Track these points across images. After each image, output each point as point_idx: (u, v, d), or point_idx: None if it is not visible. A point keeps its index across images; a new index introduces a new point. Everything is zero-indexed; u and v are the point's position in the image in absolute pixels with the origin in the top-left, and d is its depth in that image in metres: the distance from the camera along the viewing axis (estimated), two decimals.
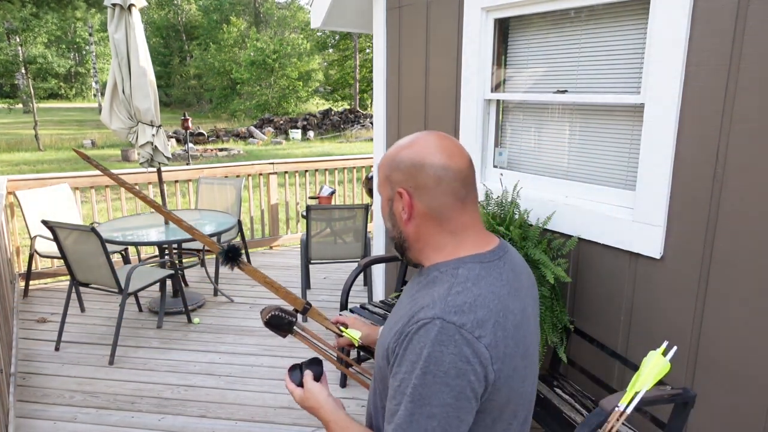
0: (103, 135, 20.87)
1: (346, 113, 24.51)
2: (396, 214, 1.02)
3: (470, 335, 0.86)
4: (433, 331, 0.86)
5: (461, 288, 0.91)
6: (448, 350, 0.85)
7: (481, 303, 0.90)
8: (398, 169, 0.99)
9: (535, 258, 2.23)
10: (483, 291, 0.92)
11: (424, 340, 0.87)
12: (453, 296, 0.90)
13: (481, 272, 0.95)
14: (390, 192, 1.02)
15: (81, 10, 17.11)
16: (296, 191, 5.92)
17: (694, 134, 1.91)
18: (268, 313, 1.30)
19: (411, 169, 0.98)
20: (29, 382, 3.12)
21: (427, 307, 0.90)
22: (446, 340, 0.85)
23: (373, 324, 1.46)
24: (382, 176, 1.03)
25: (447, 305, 0.89)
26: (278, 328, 1.31)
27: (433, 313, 0.88)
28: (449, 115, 3.06)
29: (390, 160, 1.01)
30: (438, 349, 0.85)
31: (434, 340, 0.86)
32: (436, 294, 0.92)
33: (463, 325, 0.86)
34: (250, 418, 2.78)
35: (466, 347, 0.85)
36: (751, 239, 1.78)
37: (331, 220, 4.12)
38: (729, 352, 1.88)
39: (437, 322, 0.87)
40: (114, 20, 3.63)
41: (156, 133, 3.85)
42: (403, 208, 1.00)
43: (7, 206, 4.46)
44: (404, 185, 0.99)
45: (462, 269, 0.95)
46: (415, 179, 0.97)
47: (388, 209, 1.04)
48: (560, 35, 2.51)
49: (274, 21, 37.37)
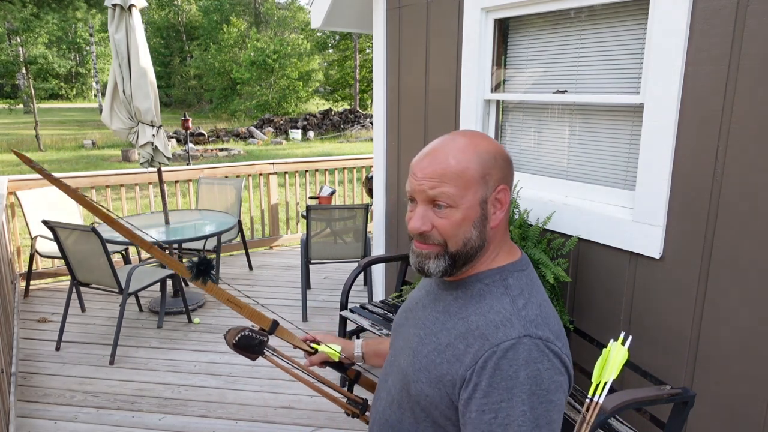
0: (104, 135, 20.88)
1: (346, 113, 24.51)
2: (489, 216, 0.91)
3: (555, 347, 0.84)
4: (524, 350, 0.82)
5: (524, 300, 0.88)
6: (544, 366, 0.82)
7: (547, 313, 0.88)
8: (497, 165, 0.91)
9: (535, 258, 2.23)
10: (540, 300, 0.90)
11: (517, 362, 0.81)
12: (524, 310, 0.86)
13: (527, 281, 0.92)
14: (485, 192, 0.90)
15: (81, 11, 17.15)
16: (296, 191, 5.92)
17: (694, 134, 1.91)
18: (236, 334, 1.17)
19: (507, 165, 0.92)
20: (30, 381, 3.12)
21: (504, 326, 0.84)
22: (539, 357, 0.82)
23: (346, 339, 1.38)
24: (477, 175, 0.89)
25: (525, 321, 0.84)
26: (248, 350, 1.18)
27: (517, 332, 0.83)
28: (449, 115, 3.06)
29: (485, 157, 0.90)
30: (535, 368, 0.81)
31: (528, 359, 0.81)
32: (503, 309, 0.87)
33: (548, 339, 0.84)
34: (250, 418, 2.78)
35: (556, 360, 0.83)
36: (751, 239, 1.78)
37: (331, 220, 4.12)
38: (728, 351, 1.89)
39: (525, 341, 0.82)
40: (114, 21, 3.64)
41: (156, 133, 3.85)
42: (498, 209, 0.92)
43: (8, 206, 4.47)
44: (504, 182, 0.92)
45: (510, 279, 0.91)
46: (510, 175, 0.93)
47: (479, 213, 0.90)
48: (560, 35, 2.51)
49: (274, 21, 37.37)
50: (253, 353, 1.19)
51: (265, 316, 1.24)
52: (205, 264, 1.21)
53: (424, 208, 0.91)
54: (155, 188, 5.37)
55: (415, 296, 1.10)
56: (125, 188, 5.08)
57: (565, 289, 2.48)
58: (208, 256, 1.28)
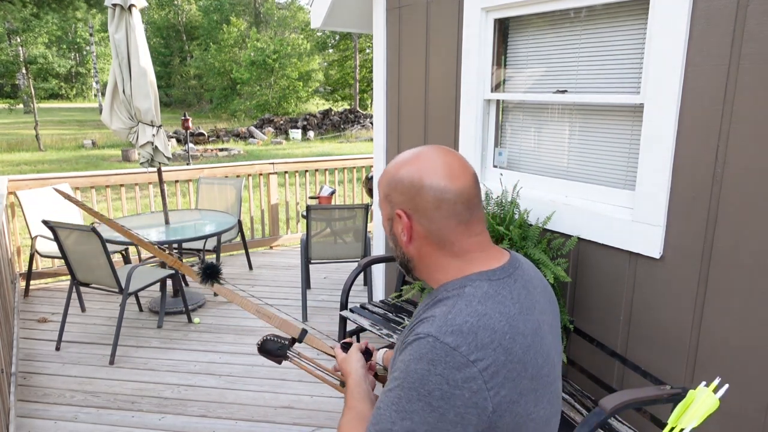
0: (104, 135, 20.88)
1: (346, 113, 24.51)
2: (396, 234, 0.98)
3: (464, 358, 0.81)
4: (425, 348, 0.83)
5: (465, 306, 0.86)
6: (436, 371, 0.81)
7: (485, 324, 0.84)
8: (396, 189, 0.95)
9: (535, 258, 2.23)
10: (489, 311, 0.86)
11: (414, 355, 0.84)
12: (454, 315, 0.85)
13: (489, 290, 0.89)
14: (390, 212, 0.98)
15: (82, 11, 17.15)
16: (296, 191, 5.92)
17: (694, 134, 1.91)
18: (262, 339, 1.28)
19: (410, 190, 0.93)
20: (30, 381, 3.12)
21: (426, 322, 0.87)
22: (436, 360, 0.81)
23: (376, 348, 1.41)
24: (382, 194, 0.99)
25: (445, 324, 0.84)
26: (271, 353, 1.28)
27: (428, 330, 0.85)
28: (449, 115, 3.06)
29: (389, 178, 0.97)
30: (425, 367, 0.82)
31: (423, 357, 0.82)
32: (438, 311, 0.88)
33: (457, 347, 0.81)
34: (250, 418, 2.78)
35: (455, 371, 0.80)
36: (751, 239, 1.78)
37: (331, 220, 4.12)
38: (728, 351, 1.89)
39: (429, 340, 0.83)
40: (114, 20, 3.64)
41: (156, 133, 3.85)
42: (402, 231, 0.96)
43: (8, 206, 4.47)
44: (403, 207, 0.94)
45: (469, 287, 0.90)
46: (413, 201, 0.93)
47: (389, 228, 1.00)
48: (560, 35, 2.51)
49: (274, 21, 37.39)
50: (277, 356, 1.28)
51: (294, 325, 1.31)
52: (211, 268, 1.32)
53: None
54: (155, 188, 5.37)
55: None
56: (125, 188, 5.08)
57: (565, 289, 2.48)
58: (215, 262, 1.39)
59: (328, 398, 2.96)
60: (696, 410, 1.05)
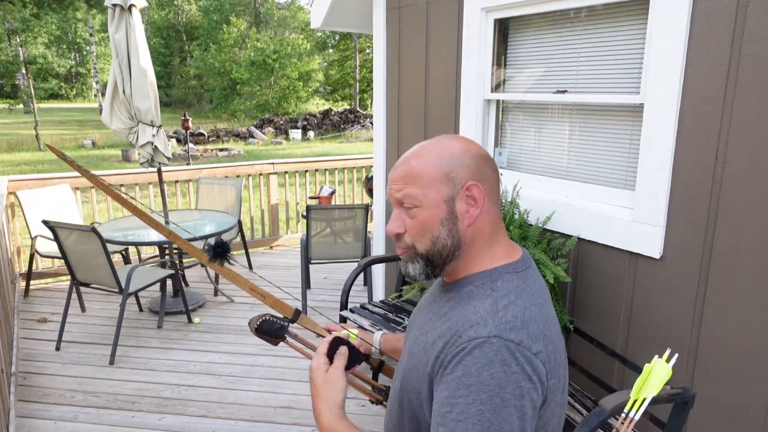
0: (104, 135, 20.88)
1: (346, 113, 24.51)
2: (459, 214, 0.91)
3: (528, 352, 0.81)
4: (492, 351, 0.80)
5: (507, 302, 0.86)
6: (511, 370, 0.79)
7: (530, 317, 0.85)
8: (462, 164, 0.91)
9: (535, 258, 2.23)
10: (527, 303, 0.87)
11: (482, 361, 0.80)
12: (503, 311, 0.84)
13: (519, 283, 0.90)
14: (451, 190, 0.90)
15: (82, 11, 17.14)
16: (296, 191, 5.92)
17: (694, 134, 1.91)
18: (258, 320, 1.23)
19: (478, 162, 0.91)
20: (30, 381, 3.12)
21: (477, 325, 0.84)
22: (508, 360, 0.79)
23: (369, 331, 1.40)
24: (440, 175, 0.91)
25: (500, 322, 0.83)
26: (269, 334, 1.23)
27: (488, 331, 0.82)
28: (449, 115, 3.06)
29: (447, 157, 0.91)
30: (501, 369, 0.79)
31: (495, 360, 0.79)
32: (482, 309, 0.86)
33: (521, 342, 0.81)
34: (250, 418, 2.78)
35: (527, 365, 0.80)
36: (751, 239, 1.78)
37: (331, 220, 4.12)
38: (728, 351, 1.89)
39: (494, 341, 0.81)
40: (114, 21, 3.64)
41: (156, 133, 3.85)
42: (472, 206, 0.91)
43: (8, 206, 4.47)
44: (475, 179, 0.91)
45: (500, 281, 0.90)
46: (483, 172, 0.91)
47: (445, 211, 0.91)
48: (560, 35, 2.51)
49: (274, 21, 37.38)
50: (275, 338, 1.23)
51: (287, 305, 1.28)
52: (221, 246, 1.27)
53: (398, 211, 0.95)
54: (155, 188, 5.37)
55: (422, 299, 1.13)
56: (125, 188, 5.08)
57: (565, 289, 2.48)
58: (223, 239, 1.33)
59: None
60: (653, 381, 1.09)
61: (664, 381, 1.09)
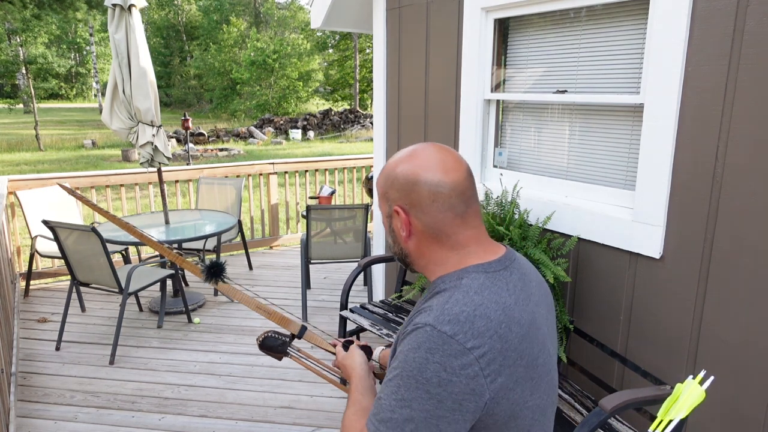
0: (104, 135, 20.88)
1: (346, 113, 24.51)
2: (396, 230, 1.01)
3: (460, 346, 0.84)
4: (423, 337, 0.86)
5: (462, 296, 0.90)
6: (433, 358, 0.84)
7: (481, 313, 0.87)
8: (393, 187, 0.98)
9: (535, 258, 2.23)
10: (485, 300, 0.89)
11: (412, 344, 0.87)
12: (451, 305, 0.88)
13: (485, 281, 0.93)
14: (388, 209, 1.01)
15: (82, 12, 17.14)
16: (296, 191, 5.92)
17: (694, 134, 1.92)
18: (263, 335, 1.29)
19: (406, 186, 0.96)
20: (30, 381, 3.12)
21: (424, 313, 0.90)
22: (434, 349, 0.84)
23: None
24: (380, 192, 1.02)
25: (442, 313, 0.87)
26: (272, 350, 1.29)
27: (426, 320, 0.88)
28: (449, 115, 3.07)
29: (386, 177, 1.00)
30: (423, 356, 0.84)
31: (421, 346, 0.85)
32: (436, 302, 0.91)
33: (454, 335, 0.84)
34: (250, 418, 2.78)
35: (453, 359, 0.83)
36: (751, 238, 1.78)
37: (331, 220, 4.12)
38: (728, 351, 1.89)
39: (427, 329, 0.86)
40: (114, 21, 3.64)
41: (156, 133, 3.85)
42: (401, 226, 0.99)
43: (8, 206, 4.47)
44: (400, 203, 0.98)
45: (466, 279, 0.93)
46: (410, 197, 0.96)
47: (388, 225, 1.03)
48: (560, 35, 2.51)
49: (274, 21, 37.39)
50: (278, 353, 1.29)
51: (294, 321, 1.32)
52: (216, 267, 1.33)
53: None
54: (155, 188, 5.37)
55: None
56: (125, 188, 5.08)
57: (565, 289, 2.48)
58: (220, 261, 1.40)
59: (328, 398, 2.96)
60: (683, 402, 1.07)
61: (696, 404, 1.07)
